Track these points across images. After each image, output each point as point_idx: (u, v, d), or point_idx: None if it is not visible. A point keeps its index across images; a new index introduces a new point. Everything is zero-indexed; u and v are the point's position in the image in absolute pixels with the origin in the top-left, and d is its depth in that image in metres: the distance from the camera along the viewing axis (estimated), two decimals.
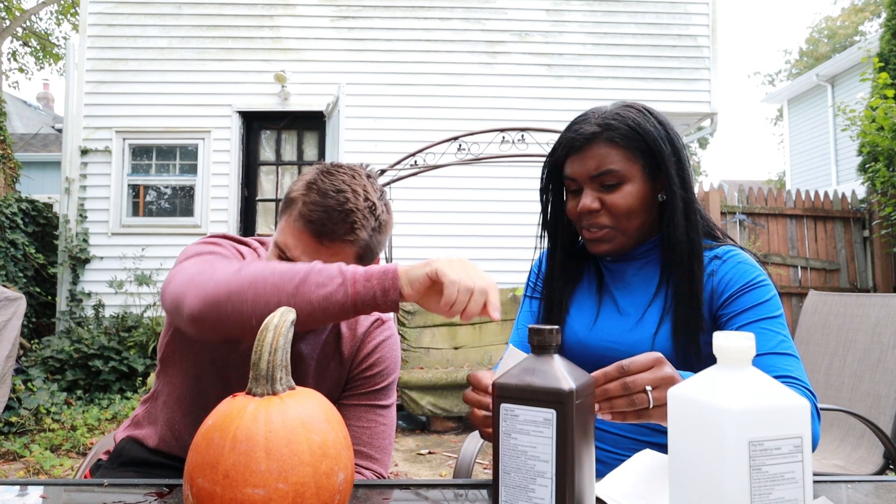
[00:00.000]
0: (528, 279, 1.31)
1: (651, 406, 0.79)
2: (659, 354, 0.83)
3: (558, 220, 1.21)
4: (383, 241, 1.10)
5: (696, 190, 1.14)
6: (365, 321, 1.21)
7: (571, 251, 1.24)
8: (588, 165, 1.10)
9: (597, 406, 0.80)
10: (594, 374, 0.79)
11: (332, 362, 1.18)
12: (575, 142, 1.11)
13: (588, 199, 1.10)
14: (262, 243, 1.21)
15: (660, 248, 1.14)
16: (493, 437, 0.68)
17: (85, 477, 1.21)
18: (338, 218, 1.01)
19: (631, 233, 1.11)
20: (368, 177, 1.10)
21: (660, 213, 1.13)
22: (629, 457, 0.97)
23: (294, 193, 1.06)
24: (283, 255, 1.04)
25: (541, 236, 1.24)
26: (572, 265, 1.23)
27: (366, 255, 1.07)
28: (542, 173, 1.20)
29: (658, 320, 1.09)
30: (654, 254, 1.15)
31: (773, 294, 1.07)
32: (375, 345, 1.20)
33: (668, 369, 0.81)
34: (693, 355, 1.05)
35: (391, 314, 1.25)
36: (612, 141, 1.09)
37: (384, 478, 1.15)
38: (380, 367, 1.20)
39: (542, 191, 1.21)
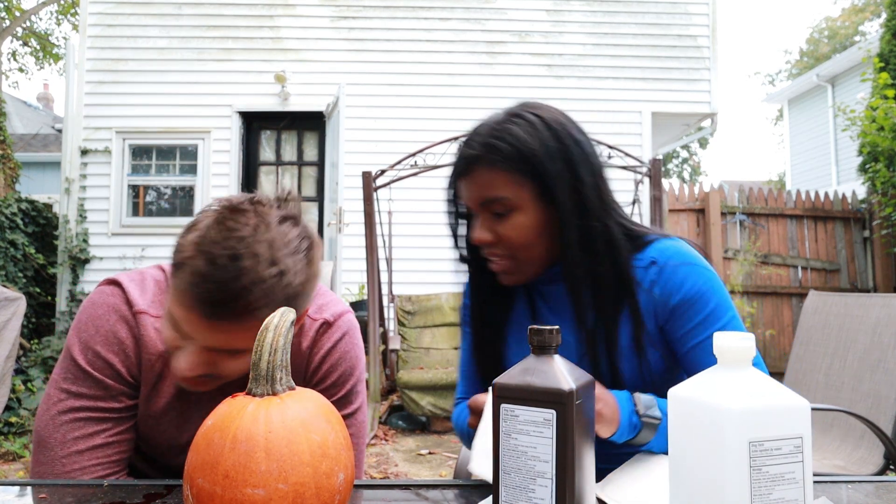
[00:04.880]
0: (462, 307, 1.18)
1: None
2: None
3: (469, 246, 1.09)
4: (305, 300, 0.92)
5: (614, 192, 0.99)
6: (309, 331, 1.05)
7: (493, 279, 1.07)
8: (473, 192, 0.98)
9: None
10: None
11: None
12: (458, 165, 1.00)
13: (478, 231, 0.99)
14: (162, 270, 1.06)
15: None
16: (493, 437, 0.68)
17: None
18: (229, 297, 0.81)
19: (535, 261, 1.00)
20: (285, 219, 0.87)
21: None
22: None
23: (183, 253, 0.84)
24: (176, 327, 0.88)
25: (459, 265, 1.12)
26: (499, 292, 1.09)
27: None
28: (447, 195, 1.08)
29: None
30: None
31: (719, 297, 0.98)
32: (324, 354, 1.05)
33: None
34: (605, 375, 0.99)
35: (341, 307, 1.09)
36: (494, 165, 0.95)
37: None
38: (334, 375, 1.06)
39: (448, 213, 1.09)
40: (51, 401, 0.96)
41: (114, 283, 1.01)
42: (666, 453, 0.99)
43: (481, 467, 0.82)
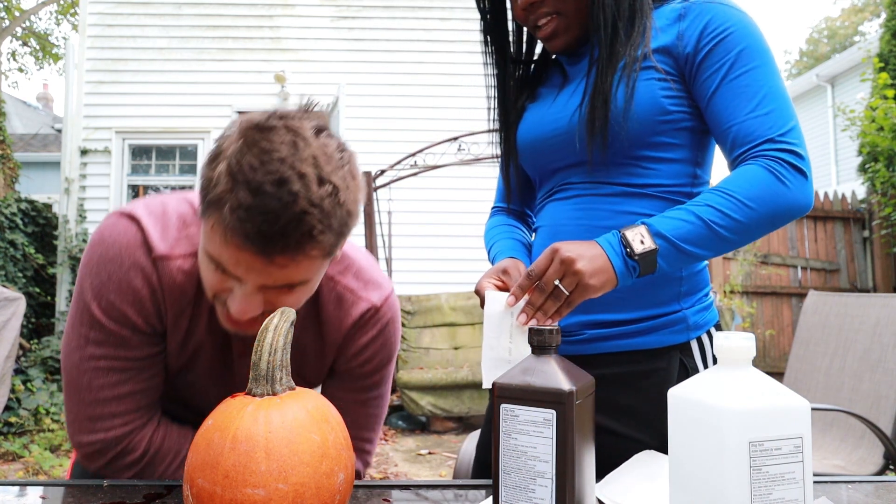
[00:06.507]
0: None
1: (569, 294, 0.85)
2: (552, 246, 0.87)
3: (502, 27, 1.14)
4: (357, 220, 0.82)
5: None
6: (352, 309, 0.98)
7: (525, 64, 1.15)
8: None
9: (533, 321, 0.87)
10: (512, 290, 0.89)
11: (309, 358, 1.01)
12: None
13: None
14: (189, 203, 0.94)
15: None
16: (492, 437, 0.68)
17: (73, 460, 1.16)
18: (285, 227, 0.72)
19: (579, 14, 1.00)
20: (318, 131, 0.78)
21: None
22: None
23: (217, 187, 0.74)
24: (222, 269, 0.79)
25: (487, 51, 1.14)
26: (527, 76, 1.15)
27: (332, 255, 0.82)
28: None
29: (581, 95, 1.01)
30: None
31: (751, 40, 0.92)
32: (367, 342, 1.00)
33: (564, 253, 0.85)
34: (602, 130, 0.95)
35: (386, 286, 1.03)
36: None
37: (371, 453, 1.12)
38: (374, 362, 1.02)
39: (479, 7, 1.13)
40: (72, 344, 0.90)
41: (129, 216, 0.89)
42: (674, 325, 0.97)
43: (492, 380, 0.84)
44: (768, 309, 6.36)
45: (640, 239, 0.86)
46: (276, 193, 0.71)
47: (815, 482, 0.82)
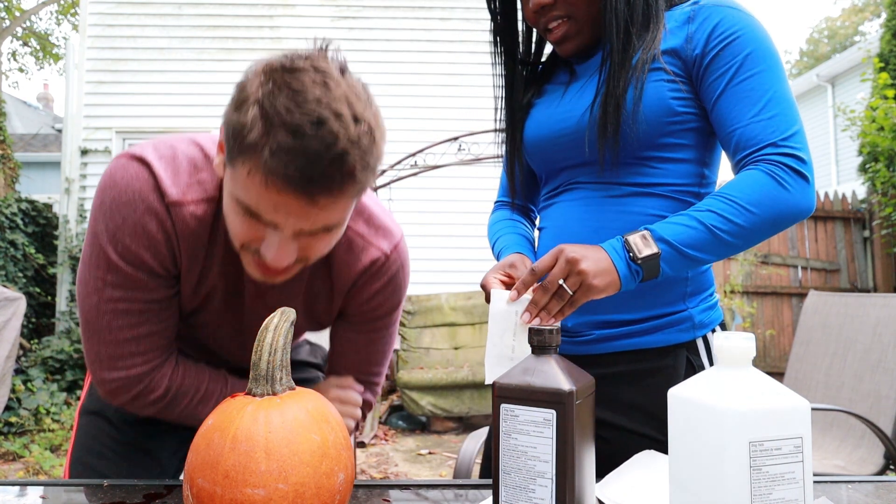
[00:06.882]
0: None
1: (572, 293, 0.86)
2: (557, 246, 0.88)
3: (512, 28, 1.13)
4: (382, 160, 0.82)
5: None
6: (362, 254, 0.98)
7: (533, 65, 1.15)
8: None
9: (537, 321, 0.88)
10: (515, 286, 0.90)
11: (319, 301, 1.03)
12: None
13: None
14: (198, 146, 0.93)
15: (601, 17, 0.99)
16: (492, 437, 0.68)
17: (75, 421, 1.16)
18: (328, 168, 0.72)
19: (591, 18, 1.00)
20: (342, 70, 0.77)
21: None
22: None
23: (251, 132, 0.72)
24: (256, 217, 0.78)
25: (495, 52, 1.15)
26: (533, 77, 1.14)
27: (362, 194, 0.83)
28: None
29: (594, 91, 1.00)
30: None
31: (758, 44, 0.93)
32: (378, 289, 1.02)
33: (569, 253, 0.86)
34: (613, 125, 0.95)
35: (396, 231, 1.05)
36: None
37: (380, 384, 1.14)
38: (382, 308, 1.04)
39: (490, 8, 1.12)
40: (89, 286, 0.90)
41: (140, 160, 0.87)
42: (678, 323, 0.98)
43: (494, 377, 0.84)
44: (768, 309, 6.36)
45: (643, 243, 0.87)
46: (317, 134, 0.71)
47: (815, 482, 0.82)
